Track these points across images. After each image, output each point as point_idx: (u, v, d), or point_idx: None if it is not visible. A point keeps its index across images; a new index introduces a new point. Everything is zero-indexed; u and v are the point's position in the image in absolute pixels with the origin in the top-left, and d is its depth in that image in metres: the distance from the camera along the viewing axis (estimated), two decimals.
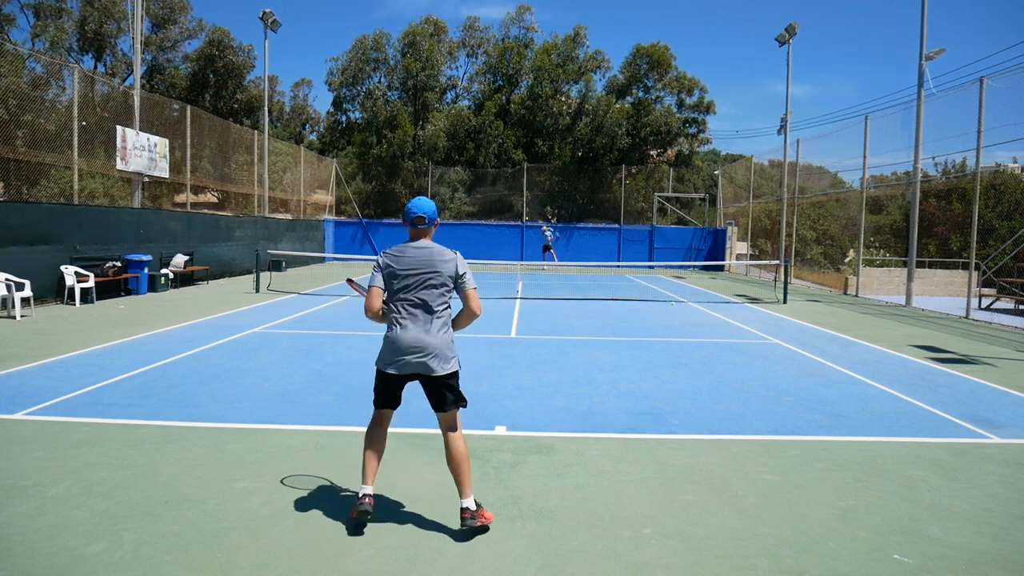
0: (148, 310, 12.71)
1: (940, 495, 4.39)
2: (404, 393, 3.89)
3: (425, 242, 3.78)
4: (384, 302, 3.78)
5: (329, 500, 4.10)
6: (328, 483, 4.37)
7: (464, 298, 3.77)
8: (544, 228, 30.67)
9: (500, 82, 38.90)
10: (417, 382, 3.83)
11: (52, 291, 13.22)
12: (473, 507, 3.67)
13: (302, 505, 4.02)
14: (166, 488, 4.21)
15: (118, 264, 14.96)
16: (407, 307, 3.71)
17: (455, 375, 3.81)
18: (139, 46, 19.67)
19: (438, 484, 4.37)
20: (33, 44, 30.46)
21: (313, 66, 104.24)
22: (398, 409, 6.29)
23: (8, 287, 11.25)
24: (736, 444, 5.36)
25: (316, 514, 3.90)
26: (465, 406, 3.85)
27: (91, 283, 13.47)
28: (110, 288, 14.60)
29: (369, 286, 3.79)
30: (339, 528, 3.73)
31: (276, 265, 23.06)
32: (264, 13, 26.11)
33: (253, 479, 4.39)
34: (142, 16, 20.11)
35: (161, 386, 6.76)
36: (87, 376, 7.10)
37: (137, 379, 7.04)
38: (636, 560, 3.44)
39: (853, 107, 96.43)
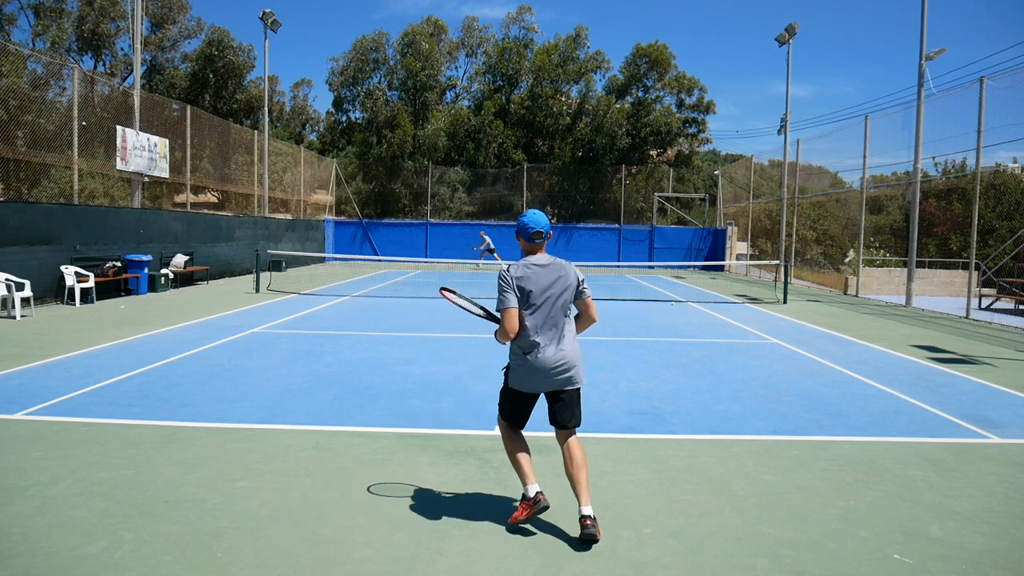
0: (148, 310, 12.70)
1: (940, 495, 4.39)
2: (402, 393, 3.89)
3: (547, 256, 3.76)
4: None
5: (329, 500, 4.10)
6: (328, 483, 4.37)
7: (584, 306, 3.82)
8: (482, 234, 29.98)
9: (500, 82, 38.90)
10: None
11: (52, 291, 13.21)
12: (592, 514, 3.58)
13: (302, 505, 4.01)
14: (166, 488, 4.21)
15: (118, 264, 14.96)
16: (546, 325, 3.66)
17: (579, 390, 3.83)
18: (139, 46, 19.67)
19: (438, 484, 4.37)
20: (33, 44, 30.47)
21: (313, 66, 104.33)
22: (398, 409, 6.32)
23: (8, 287, 11.25)
24: (736, 444, 5.36)
25: (316, 514, 3.89)
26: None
27: (91, 283, 13.46)
28: (110, 288, 14.60)
29: (503, 309, 3.62)
30: (339, 528, 3.73)
31: (276, 265, 23.06)
32: (264, 13, 26.11)
33: (253, 479, 4.38)
34: (142, 16, 20.10)
35: (161, 386, 6.76)
36: (87, 376, 7.09)
37: (137, 379, 7.04)
38: (636, 560, 3.44)
39: (853, 107, 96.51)
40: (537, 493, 3.69)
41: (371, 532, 3.68)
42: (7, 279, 11.32)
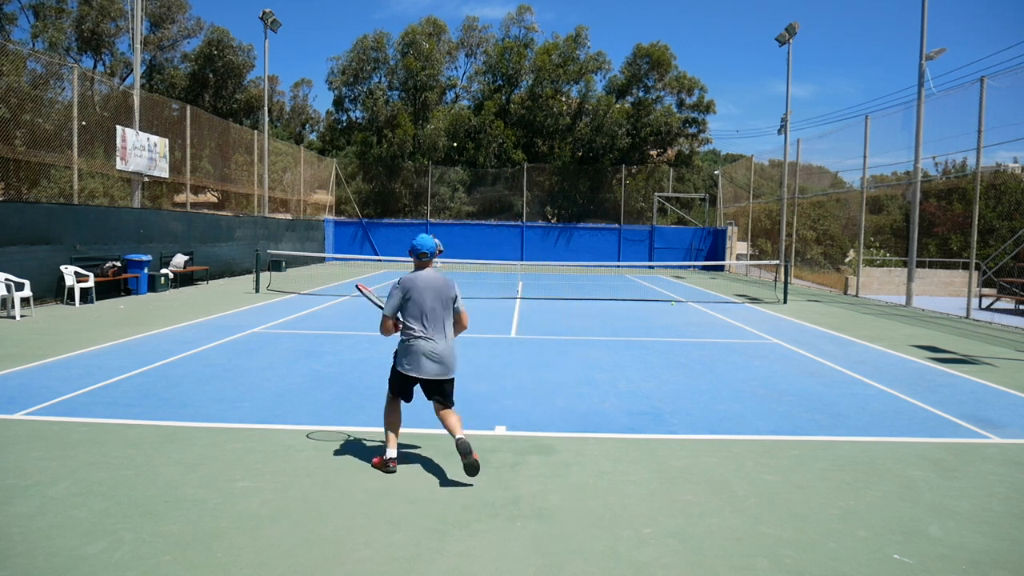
0: (148, 310, 12.70)
1: (940, 495, 4.39)
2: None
3: (432, 271, 4.67)
4: (398, 319, 4.63)
5: (329, 500, 4.10)
6: (328, 483, 4.37)
7: (457, 316, 4.73)
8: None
9: (500, 82, 38.89)
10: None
11: (52, 291, 13.21)
12: (463, 437, 4.40)
13: (302, 505, 4.02)
14: (166, 488, 4.21)
15: (118, 264, 14.96)
16: (424, 323, 4.55)
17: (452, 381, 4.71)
18: (138, 45, 19.66)
19: (438, 484, 4.37)
20: (33, 44, 30.46)
21: (313, 66, 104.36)
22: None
23: (8, 287, 11.24)
24: (736, 444, 5.36)
25: (316, 514, 3.90)
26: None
27: (91, 283, 13.46)
28: (110, 288, 14.60)
29: (383, 315, 4.61)
30: (339, 528, 3.73)
31: (276, 265, 23.06)
32: (264, 13, 26.10)
33: (253, 479, 4.39)
34: (141, 16, 20.10)
35: (161, 386, 6.76)
36: (87, 376, 7.09)
37: (137, 379, 7.04)
38: (636, 560, 3.44)
39: (853, 107, 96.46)
40: (392, 459, 4.59)
41: (371, 532, 3.68)
42: (7, 279, 11.32)
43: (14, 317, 11.04)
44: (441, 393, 4.60)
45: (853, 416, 6.25)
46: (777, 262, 22.18)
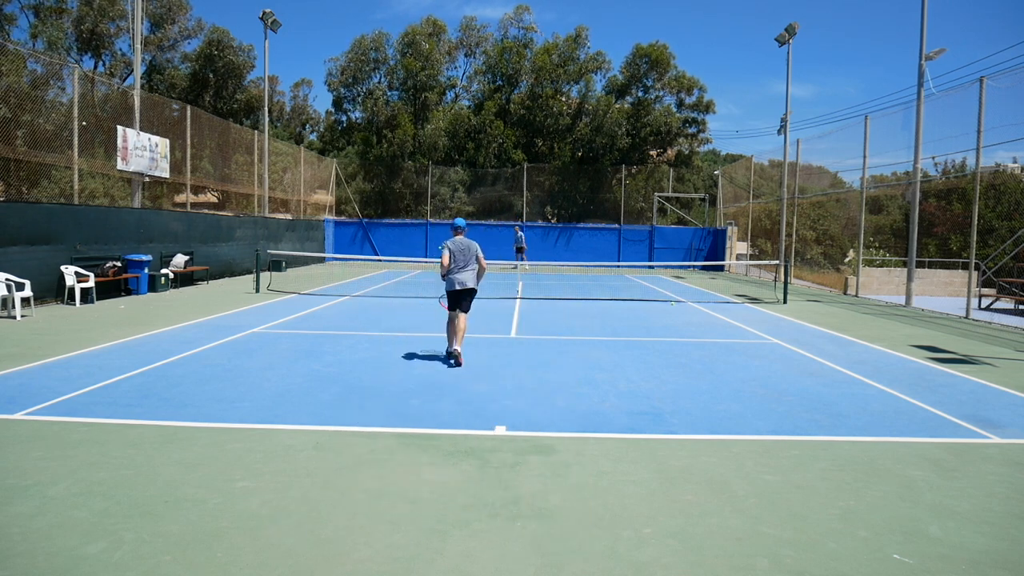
0: (148, 310, 12.70)
1: (940, 495, 4.39)
2: (405, 394, 3.97)
3: (463, 238, 8.35)
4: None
5: (329, 500, 4.10)
6: (328, 483, 4.37)
7: (479, 262, 8.34)
8: (516, 230, 30.39)
9: (500, 82, 38.88)
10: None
11: (52, 291, 13.21)
12: (459, 350, 8.06)
13: (302, 505, 4.02)
14: (166, 488, 4.21)
15: (118, 264, 14.96)
16: (459, 266, 8.19)
17: (475, 291, 8.34)
18: (139, 46, 19.66)
19: (438, 484, 4.38)
20: (33, 44, 30.45)
21: (313, 66, 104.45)
22: (399, 409, 6.35)
23: (8, 287, 11.25)
24: (736, 444, 5.36)
25: (316, 514, 3.90)
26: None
27: (91, 283, 13.46)
28: (110, 288, 14.60)
29: (441, 258, 8.20)
30: (339, 528, 3.73)
31: (276, 265, 23.06)
32: (264, 13, 26.10)
33: (253, 479, 4.39)
34: (142, 16, 20.10)
35: (161, 386, 6.76)
36: (87, 376, 7.10)
37: (137, 379, 7.04)
38: (636, 560, 3.44)
39: (853, 107, 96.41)
40: (456, 350, 8.07)
41: (371, 532, 3.69)
42: (7, 279, 11.32)
43: (14, 317, 11.05)
44: (466, 299, 8.22)
45: (853, 416, 6.25)
46: (777, 262, 22.18)
